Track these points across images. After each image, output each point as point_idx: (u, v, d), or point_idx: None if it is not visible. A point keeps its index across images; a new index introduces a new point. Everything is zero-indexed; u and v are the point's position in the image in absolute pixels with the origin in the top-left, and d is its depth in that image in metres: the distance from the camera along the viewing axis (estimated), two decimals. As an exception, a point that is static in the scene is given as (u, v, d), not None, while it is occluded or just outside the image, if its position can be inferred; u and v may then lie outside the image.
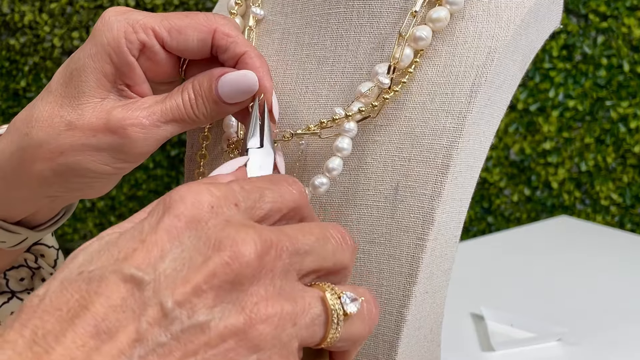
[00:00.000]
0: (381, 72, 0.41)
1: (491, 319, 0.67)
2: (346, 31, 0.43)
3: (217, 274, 0.26)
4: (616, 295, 0.75)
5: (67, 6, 1.45)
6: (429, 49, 0.41)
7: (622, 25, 1.27)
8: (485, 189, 1.38)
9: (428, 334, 0.44)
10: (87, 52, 0.40)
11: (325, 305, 0.29)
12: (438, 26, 0.41)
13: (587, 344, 0.63)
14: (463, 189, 0.42)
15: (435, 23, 0.40)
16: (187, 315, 0.26)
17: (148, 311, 0.26)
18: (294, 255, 0.29)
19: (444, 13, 0.40)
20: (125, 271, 0.26)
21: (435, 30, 0.41)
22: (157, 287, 0.26)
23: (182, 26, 0.40)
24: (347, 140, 0.41)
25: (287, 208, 0.31)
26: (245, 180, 0.31)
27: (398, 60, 0.40)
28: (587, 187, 1.34)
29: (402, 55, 0.40)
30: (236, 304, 0.27)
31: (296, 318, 0.28)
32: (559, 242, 0.95)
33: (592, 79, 1.30)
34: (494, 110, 0.43)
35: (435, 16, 0.40)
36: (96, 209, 1.59)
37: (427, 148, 0.40)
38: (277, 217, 0.31)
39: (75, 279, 0.27)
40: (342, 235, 0.31)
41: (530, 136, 1.34)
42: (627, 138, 1.29)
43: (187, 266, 0.27)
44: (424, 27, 0.40)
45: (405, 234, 0.41)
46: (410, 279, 0.41)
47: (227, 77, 0.40)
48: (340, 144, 0.41)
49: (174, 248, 0.27)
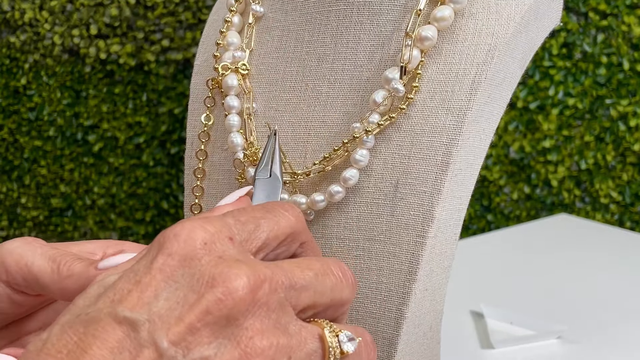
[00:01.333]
0: (392, 77, 0.40)
1: (491, 316, 0.67)
2: (346, 28, 0.43)
3: (211, 311, 0.27)
4: (616, 294, 0.75)
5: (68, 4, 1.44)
6: (430, 47, 0.41)
7: (622, 23, 1.27)
8: (485, 187, 1.38)
9: (428, 332, 0.44)
10: None
11: (322, 342, 0.29)
12: (443, 25, 0.40)
13: (586, 341, 0.63)
14: (463, 187, 0.42)
15: (440, 22, 0.40)
16: (182, 354, 0.26)
17: (144, 352, 0.26)
18: (289, 290, 0.29)
19: (449, 12, 0.40)
20: (120, 313, 0.26)
21: (440, 29, 0.41)
22: (152, 327, 0.26)
23: None
24: (364, 152, 0.41)
25: (284, 235, 0.31)
26: (240, 211, 0.31)
27: (408, 61, 0.40)
28: (587, 185, 1.34)
29: (411, 56, 0.40)
30: (232, 339, 0.27)
31: (291, 351, 0.28)
32: (558, 240, 0.95)
33: (592, 77, 1.30)
34: (494, 107, 0.43)
35: (440, 15, 0.40)
36: (96, 206, 1.60)
37: (427, 145, 0.40)
38: (274, 245, 0.31)
39: (74, 321, 0.27)
40: (342, 272, 0.31)
41: (530, 134, 1.34)
42: (626, 136, 1.29)
43: (181, 305, 0.27)
44: (429, 27, 0.40)
45: (405, 232, 0.41)
46: (410, 276, 0.41)
47: None
48: (358, 157, 0.41)
49: (167, 287, 0.27)
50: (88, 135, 1.49)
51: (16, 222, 1.63)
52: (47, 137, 1.50)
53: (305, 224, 0.32)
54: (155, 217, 1.60)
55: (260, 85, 0.46)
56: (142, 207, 1.59)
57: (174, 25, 1.39)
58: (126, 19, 1.41)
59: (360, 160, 0.41)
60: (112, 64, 1.43)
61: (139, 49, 1.41)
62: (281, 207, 0.32)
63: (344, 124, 0.42)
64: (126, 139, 1.49)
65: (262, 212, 0.31)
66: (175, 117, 1.51)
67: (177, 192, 1.57)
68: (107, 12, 1.41)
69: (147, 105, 1.47)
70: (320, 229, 0.43)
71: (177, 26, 1.40)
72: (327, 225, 0.43)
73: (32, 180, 1.58)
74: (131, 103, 1.46)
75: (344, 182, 0.41)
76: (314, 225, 0.43)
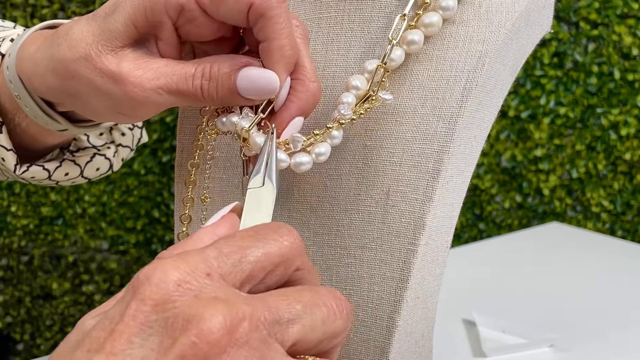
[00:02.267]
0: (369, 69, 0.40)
1: (483, 325, 0.67)
2: (337, 35, 0.43)
3: (186, 356, 0.26)
4: (607, 302, 0.75)
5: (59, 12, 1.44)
6: (420, 54, 0.41)
7: (613, 33, 1.28)
8: (476, 196, 1.38)
9: (420, 340, 0.44)
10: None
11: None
12: (430, 31, 0.40)
13: (578, 350, 0.63)
14: (454, 194, 0.42)
15: (428, 28, 0.40)
16: None
17: None
18: (274, 325, 0.28)
19: (437, 18, 0.40)
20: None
21: (428, 34, 0.41)
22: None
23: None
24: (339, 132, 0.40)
25: (273, 265, 0.30)
26: (226, 241, 0.29)
27: (387, 60, 0.40)
28: (578, 194, 1.34)
29: (389, 56, 0.40)
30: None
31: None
32: (550, 248, 0.95)
33: (583, 87, 1.30)
34: (485, 114, 0.43)
35: (428, 21, 0.40)
36: (87, 215, 1.59)
37: (419, 152, 0.40)
38: (261, 276, 0.29)
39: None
40: (336, 302, 0.30)
41: (521, 143, 1.35)
42: (617, 145, 1.30)
43: (155, 351, 0.26)
44: (416, 31, 0.40)
45: (397, 239, 0.40)
46: (402, 284, 0.40)
47: (248, 72, 0.38)
48: (333, 134, 0.39)
49: (141, 334, 0.26)
50: (79, 143, 1.48)
51: (6, 231, 1.62)
52: (37, 145, 1.49)
53: (301, 249, 0.31)
54: (147, 225, 1.59)
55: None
56: (133, 215, 1.58)
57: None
58: (118, 27, 1.41)
59: (335, 137, 0.39)
60: (103, 72, 1.43)
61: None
62: (275, 231, 0.30)
63: (335, 130, 0.42)
64: (117, 147, 1.48)
65: (250, 239, 0.29)
66: (166, 125, 1.51)
67: (168, 201, 1.56)
68: (99, 20, 1.41)
69: (138, 114, 1.46)
70: (312, 237, 0.43)
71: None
72: (318, 232, 0.43)
73: (22, 189, 1.57)
74: (122, 111, 1.46)
75: (315, 156, 0.39)
76: (305, 233, 0.43)
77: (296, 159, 0.39)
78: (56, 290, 1.64)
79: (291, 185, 0.43)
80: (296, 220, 0.43)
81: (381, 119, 0.41)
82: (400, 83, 0.41)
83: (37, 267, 1.65)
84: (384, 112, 0.41)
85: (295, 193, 0.43)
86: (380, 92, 0.40)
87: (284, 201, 0.44)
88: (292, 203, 0.43)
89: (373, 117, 0.41)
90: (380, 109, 0.41)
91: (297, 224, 0.43)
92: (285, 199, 0.44)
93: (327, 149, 0.39)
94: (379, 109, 0.41)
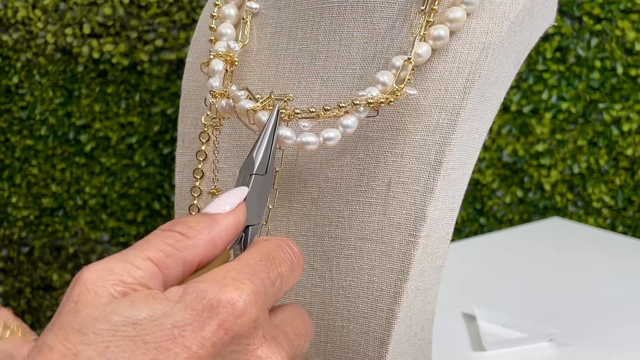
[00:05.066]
0: (398, 65, 0.39)
1: (483, 319, 0.66)
2: (339, 26, 0.43)
3: None
4: (607, 297, 0.74)
5: (61, 2, 1.44)
6: (423, 44, 0.41)
7: (616, 28, 1.27)
8: (477, 191, 1.38)
9: (419, 332, 0.44)
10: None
11: None
12: (455, 26, 0.40)
13: (578, 344, 0.63)
14: (456, 186, 0.42)
15: (453, 23, 0.40)
16: None
17: None
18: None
19: (460, 14, 0.40)
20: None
21: (452, 30, 0.40)
22: None
23: None
24: (354, 119, 0.39)
25: (290, 288, 0.33)
26: (270, 263, 0.31)
27: (414, 56, 0.39)
28: (580, 190, 1.34)
29: (414, 52, 0.39)
30: None
31: None
32: (551, 243, 0.95)
33: (585, 82, 1.30)
34: (488, 107, 0.43)
35: (452, 16, 0.40)
36: (88, 206, 1.59)
37: (420, 144, 0.40)
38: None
39: None
40: (311, 329, 0.34)
41: (523, 138, 1.34)
42: (619, 141, 1.29)
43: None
44: (442, 27, 0.40)
45: (397, 231, 0.40)
46: (402, 275, 0.40)
47: None
48: (345, 122, 0.39)
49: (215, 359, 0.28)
50: (80, 134, 1.48)
51: (6, 222, 1.62)
52: (38, 136, 1.49)
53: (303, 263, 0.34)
54: (147, 217, 1.59)
55: (252, 82, 0.45)
56: (134, 207, 1.58)
57: (167, 25, 1.39)
58: (119, 19, 1.41)
59: (349, 126, 0.39)
60: (105, 63, 1.43)
61: (132, 48, 1.41)
62: (298, 260, 0.33)
63: (337, 121, 0.42)
64: (118, 139, 1.49)
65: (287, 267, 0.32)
66: (168, 117, 1.51)
67: (169, 193, 1.56)
68: (101, 12, 1.41)
69: (139, 105, 1.46)
70: (312, 228, 0.43)
71: (171, 26, 1.40)
72: (318, 224, 0.42)
73: (23, 180, 1.57)
74: (124, 103, 1.45)
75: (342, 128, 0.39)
76: (306, 224, 0.43)
77: (302, 139, 0.38)
78: (56, 282, 1.64)
79: (292, 176, 0.43)
80: (297, 211, 0.43)
81: (382, 110, 0.41)
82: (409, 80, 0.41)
83: (37, 258, 1.65)
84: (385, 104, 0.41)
85: (296, 184, 0.43)
86: (406, 88, 0.39)
87: (284, 192, 0.43)
88: (292, 194, 0.43)
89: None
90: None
91: (297, 214, 0.43)
92: (286, 190, 0.43)
93: (337, 134, 0.39)
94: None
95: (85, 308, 0.27)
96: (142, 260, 0.29)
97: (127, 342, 0.26)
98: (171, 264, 0.30)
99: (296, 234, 0.43)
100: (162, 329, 0.27)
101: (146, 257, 0.29)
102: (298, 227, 0.43)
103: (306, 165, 0.43)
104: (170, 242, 0.30)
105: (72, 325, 0.26)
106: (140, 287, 0.28)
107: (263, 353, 0.28)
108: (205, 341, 0.27)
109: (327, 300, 0.42)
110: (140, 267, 0.29)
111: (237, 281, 0.28)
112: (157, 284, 0.29)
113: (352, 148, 0.42)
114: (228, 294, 0.28)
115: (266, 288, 0.30)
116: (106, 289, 0.27)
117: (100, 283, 0.27)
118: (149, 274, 0.29)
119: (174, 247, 0.30)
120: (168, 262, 0.29)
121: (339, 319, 0.42)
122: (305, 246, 0.43)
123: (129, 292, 0.28)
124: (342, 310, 0.42)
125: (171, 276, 0.30)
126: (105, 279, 0.28)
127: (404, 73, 0.39)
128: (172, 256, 0.30)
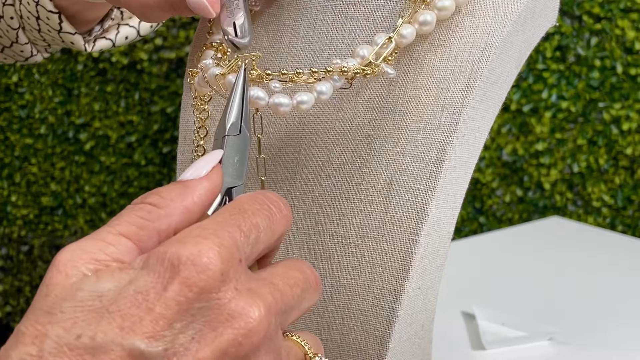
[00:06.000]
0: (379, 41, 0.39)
1: (482, 318, 0.67)
2: (342, 24, 0.43)
3: (228, 352, 0.26)
4: (607, 296, 0.75)
5: (60, 1, 1.44)
6: (425, 43, 0.41)
7: (616, 27, 1.27)
8: (477, 190, 1.38)
9: (419, 331, 0.44)
10: None
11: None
12: (443, 15, 0.40)
13: (578, 343, 0.63)
14: (457, 185, 0.42)
15: (441, 11, 0.40)
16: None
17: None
18: (282, 315, 0.29)
19: (449, 2, 0.40)
20: (135, 346, 0.25)
21: (440, 18, 0.40)
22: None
23: None
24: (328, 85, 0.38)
25: (275, 245, 0.31)
26: (242, 217, 0.30)
27: (396, 36, 0.39)
28: (579, 189, 1.34)
29: (398, 31, 0.39)
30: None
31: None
32: (550, 242, 0.95)
33: (585, 81, 1.30)
34: (489, 106, 0.43)
35: (440, 4, 0.40)
36: (87, 205, 1.59)
37: (422, 142, 0.40)
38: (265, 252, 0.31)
39: (76, 344, 0.25)
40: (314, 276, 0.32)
41: (523, 137, 1.35)
42: (619, 140, 1.30)
43: (196, 341, 0.26)
44: (429, 12, 0.40)
45: (399, 229, 0.40)
46: (403, 274, 0.40)
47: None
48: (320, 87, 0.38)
49: (182, 320, 0.26)
50: (79, 133, 1.48)
51: (6, 220, 1.62)
52: (38, 135, 1.49)
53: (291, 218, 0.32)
54: (147, 216, 1.59)
55: (254, 80, 0.45)
56: (133, 206, 1.58)
57: (167, 23, 1.39)
58: (119, 17, 1.41)
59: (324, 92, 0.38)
60: (104, 62, 1.42)
61: (132, 47, 1.40)
62: (280, 210, 0.31)
63: (338, 119, 0.42)
64: (118, 137, 1.49)
65: (264, 218, 0.30)
66: (167, 116, 1.51)
67: (168, 192, 1.56)
68: (101, 10, 1.41)
69: (139, 104, 1.46)
70: (314, 226, 0.43)
71: (171, 25, 1.40)
72: (319, 222, 0.43)
73: (22, 178, 1.57)
74: (123, 101, 1.45)
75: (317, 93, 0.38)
76: (307, 222, 0.43)
77: (275, 100, 0.38)
78: (56, 280, 1.65)
79: (293, 173, 0.43)
80: (298, 209, 0.43)
81: (384, 108, 0.41)
82: (405, 72, 0.41)
83: (37, 256, 1.65)
84: (387, 102, 0.41)
85: (297, 181, 0.43)
86: (383, 64, 0.39)
87: (286, 189, 0.44)
88: (294, 192, 0.43)
89: (376, 107, 0.41)
90: (384, 98, 0.41)
91: (299, 212, 0.43)
92: (287, 187, 0.43)
93: (310, 98, 0.38)
94: (382, 99, 0.41)
95: (55, 289, 0.27)
96: (114, 236, 0.28)
97: (93, 314, 0.26)
98: (145, 236, 0.29)
99: (297, 232, 0.43)
100: (126, 297, 0.26)
101: (118, 232, 0.29)
102: (299, 225, 0.43)
103: (308, 163, 0.43)
104: (141, 215, 0.29)
105: (42, 307, 0.26)
106: (114, 263, 0.28)
107: (237, 305, 0.27)
108: (168, 301, 0.26)
109: (327, 298, 0.42)
110: (112, 243, 0.28)
111: (199, 237, 0.28)
112: (134, 257, 0.28)
113: (353, 146, 0.42)
114: (187, 251, 0.27)
115: (236, 240, 0.28)
116: (77, 268, 0.27)
117: (72, 263, 0.27)
118: (124, 249, 0.28)
119: (146, 218, 0.29)
120: (142, 235, 0.29)
121: (340, 317, 0.42)
122: (306, 244, 0.43)
123: (101, 269, 0.27)
124: (343, 308, 0.42)
125: (148, 248, 0.29)
126: (77, 258, 0.27)
127: (386, 52, 0.39)
128: (145, 228, 0.29)
